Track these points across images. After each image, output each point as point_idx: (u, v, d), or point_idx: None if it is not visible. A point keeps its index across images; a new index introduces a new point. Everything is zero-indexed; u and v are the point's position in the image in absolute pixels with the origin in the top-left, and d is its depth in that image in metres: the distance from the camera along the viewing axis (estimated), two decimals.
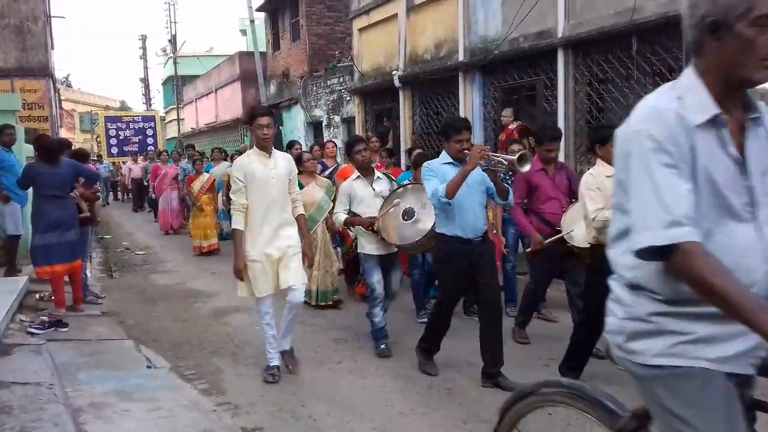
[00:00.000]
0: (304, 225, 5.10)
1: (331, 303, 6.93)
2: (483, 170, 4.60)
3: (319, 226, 6.89)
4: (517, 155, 4.39)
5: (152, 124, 26.00)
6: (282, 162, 4.92)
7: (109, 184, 23.48)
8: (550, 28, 8.75)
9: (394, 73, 12.30)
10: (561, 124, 8.52)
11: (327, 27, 19.29)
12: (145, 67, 45.95)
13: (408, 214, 5.28)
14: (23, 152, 8.65)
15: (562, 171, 5.58)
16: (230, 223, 11.53)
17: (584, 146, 8.24)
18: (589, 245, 4.64)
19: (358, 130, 14.39)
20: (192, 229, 11.29)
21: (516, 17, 9.11)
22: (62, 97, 28.20)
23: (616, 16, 7.75)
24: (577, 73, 8.55)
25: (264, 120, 4.74)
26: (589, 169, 4.97)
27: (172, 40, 41.89)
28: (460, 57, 10.51)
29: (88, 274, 7.76)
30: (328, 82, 17.14)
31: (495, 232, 6.30)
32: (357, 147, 5.64)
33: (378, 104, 13.87)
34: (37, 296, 7.17)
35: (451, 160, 4.68)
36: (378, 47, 13.29)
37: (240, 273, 4.72)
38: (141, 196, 20.03)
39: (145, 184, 18.67)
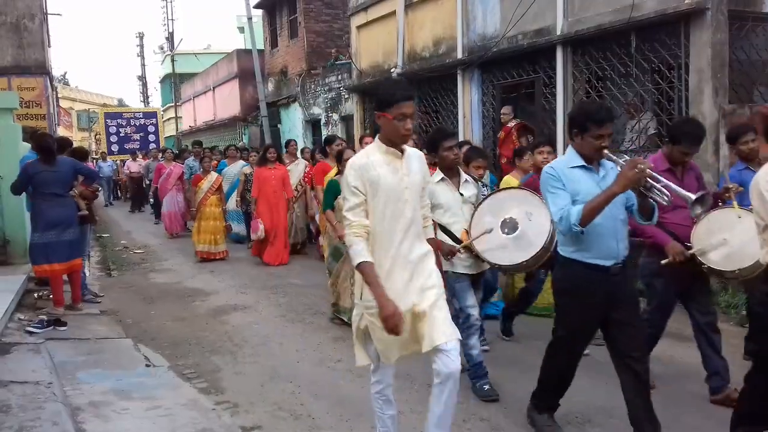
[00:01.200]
0: (438, 254, 3.69)
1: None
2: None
3: None
4: (696, 196, 3.28)
5: (154, 120, 24.97)
6: (416, 164, 3.38)
7: (112, 183, 22.69)
8: (548, 25, 8.75)
9: (392, 70, 12.29)
10: (560, 121, 8.53)
11: (325, 24, 19.26)
12: (143, 65, 46.03)
13: (509, 226, 4.27)
14: (20, 150, 8.62)
15: (690, 171, 4.35)
16: (246, 229, 10.82)
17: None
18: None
19: (357, 129, 14.38)
20: (196, 234, 10.21)
21: (514, 15, 9.10)
22: (59, 95, 28.22)
23: (614, 14, 7.74)
24: (575, 70, 8.54)
25: (407, 107, 3.19)
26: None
27: (170, 38, 41.91)
28: (459, 54, 10.50)
29: (87, 273, 7.75)
30: (327, 80, 17.12)
31: None
32: (447, 142, 4.42)
33: None
34: (36, 295, 7.16)
35: (583, 162, 3.49)
36: (376, 45, 13.27)
37: (396, 322, 3.14)
38: (140, 196, 19.09)
39: (146, 183, 17.87)
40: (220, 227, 10.29)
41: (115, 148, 24.03)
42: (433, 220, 3.70)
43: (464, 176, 4.59)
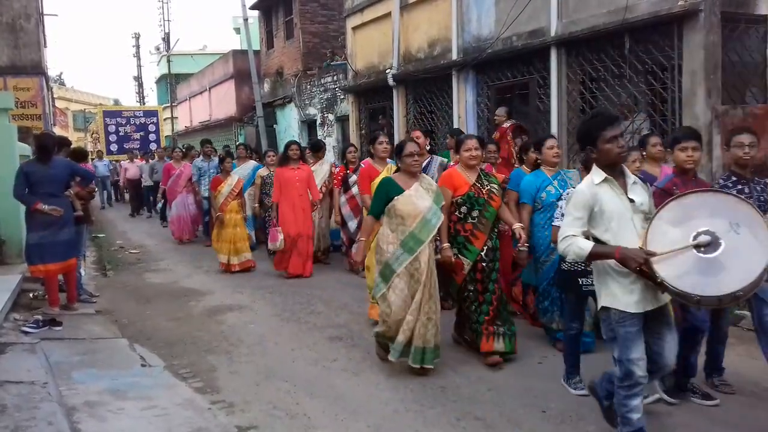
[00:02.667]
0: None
1: (431, 367, 4.76)
2: None
3: (425, 249, 4.73)
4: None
5: (154, 119, 24.16)
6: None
7: (109, 184, 20.90)
8: (543, 27, 8.78)
9: (387, 71, 12.32)
10: (554, 122, 8.57)
11: (321, 25, 19.28)
12: (139, 66, 45.94)
13: (707, 243, 3.10)
14: (15, 151, 8.62)
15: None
16: (269, 237, 8.75)
17: (577, 145, 8.26)
18: None
19: (352, 129, 14.40)
20: (215, 243, 9.27)
21: (509, 16, 9.14)
22: (55, 96, 28.10)
23: (608, 15, 7.78)
24: (570, 71, 8.58)
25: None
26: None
27: (166, 39, 41.90)
28: (454, 56, 10.53)
29: (82, 273, 7.75)
30: (322, 81, 17.14)
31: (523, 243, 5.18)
32: (610, 131, 3.31)
33: (372, 103, 13.87)
34: (31, 295, 7.16)
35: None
36: (372, 46, 13.30)
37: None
38: (139, 199, 18.19)
39: (144, 185, 17.31)
40: (242, 234, 9.26)
41: (114, 147, 23.16)
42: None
43: (631, 176, 3.45)
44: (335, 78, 16.36)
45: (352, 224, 8.27)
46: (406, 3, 11.86)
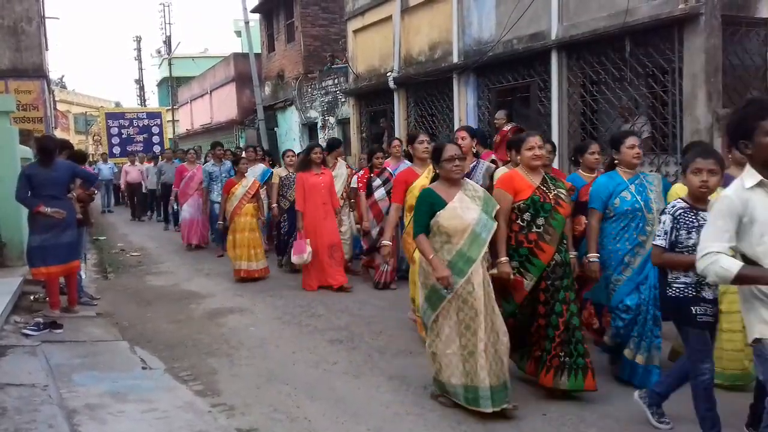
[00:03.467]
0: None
1: (508, 406, 4.03)
2: None
3: (477, 269, 4.08)
4: None
5: (158, 121, 23.39)
6: None
7: (112, 187, 20.23)
8: (543, 30, 8.79)
9: (388, 74, 12.33)
10: (555, 125, 8.57)
11: (322, 28, 19.32)
12: (140, 69, 45.97)
13: None
14: (17, 154, 8.63)
15: None
16: (293, 249, 7.97)
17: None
18: None
19: (353, 132, 14.41)
20: (231, 248, 8.70)
21: (510, 19, 9.15)
22: (57, 99, 28.12)
23: (609, 19, 7.79)
24: (570, 74, 8.59)
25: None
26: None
27: (167, 42, 41.97)
28: (455, 59, 10.54)
29: (83, 276, 7.75)
30: (323, 84, 17.17)
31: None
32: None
33: (373, 106, 13.89)
34: (32, 297, 7.16)
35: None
36: (373, 49, 13.32)
37: None
38: (140, 203, 17.68)
39: (150, 188, 16.68)
40: (258, 239, 8.72)
41: (116, 150, 22.44)
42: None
43: None
44: (336, 81, 16.38)
45: (374, 231, 7.87)
46: (407, 6, 11.88)
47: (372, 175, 7.99)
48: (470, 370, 3.99)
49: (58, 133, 24.82)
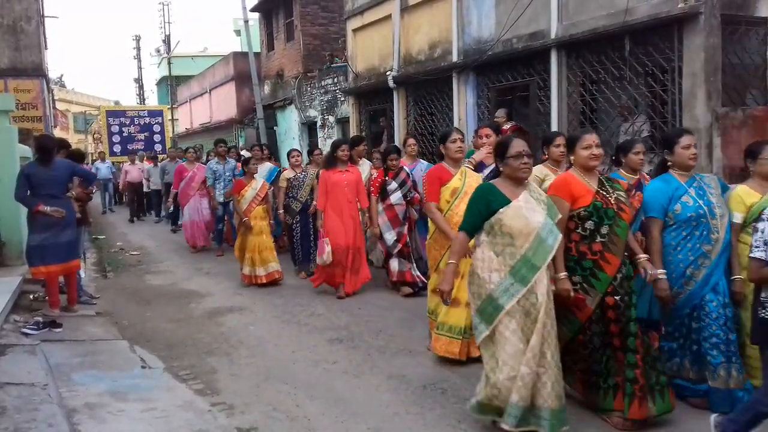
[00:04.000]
0: None
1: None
2: None
3: (542, 278, 3.66)
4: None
5: (159, 119, 22.99)
6: None
7: (111, 186, 19.71)
8: (543, 29, 8.79)
9: (388, 73, 12.32)
10: (554, 124, 8.57)
11: (321, 27, 19.30)
12: (140, 68, 45.95)
13: None
14: (16, 153, 8.63)
15: None
16: (317, 250, 7.62)
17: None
18: None
19: (353, 131, 14.39)
20: (239, 251, 8.49)
21: (509, 18, 9.14)
22: (56, 98, 28.10)
23: (608, 18, 7.79)
24: (570, 73, 8.58)
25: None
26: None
27: (166, 41, 41.99)
28: (454, 58, 10.54)
29: (82, 275, 7.75)
30: (323, 83, 17.16)
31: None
32: None
33: (372, 105, 13.88)
34: (32, 297, 7.17)
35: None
36: (372, 48, 13.30)
37: None
38: (140, 203, 17.51)
39: (153, 188, 16.34)
40: (268, 242, 8.38)
41: (117, 148, 22.03)
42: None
43: None
44: (336, 80, 16.37)
45: (389, 236, 7.52)
46: (406, 5, 11.87)
47: (387, 177, 7.63)
48: (535, 395, 3.55)
49: (57, 133, 24.81)
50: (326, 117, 17.08)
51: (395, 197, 7.54)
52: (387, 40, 12.52)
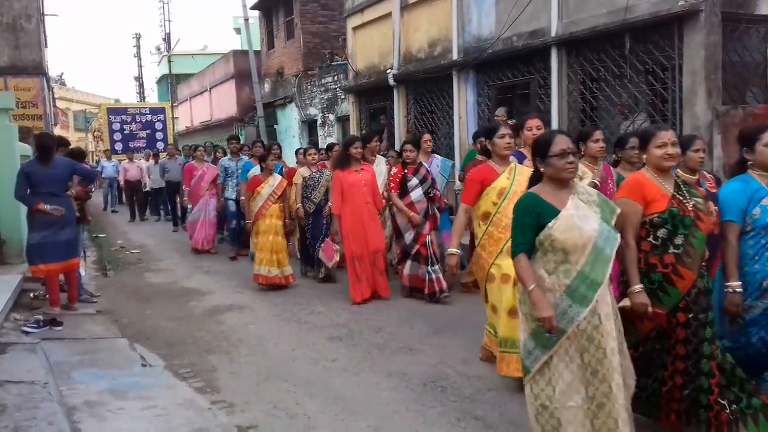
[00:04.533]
0: None
1: None
2: None
3: (604, 295, 3.15)
4: None
5: (161, 116, 22.61)
6: None
7: (116, 185, 19.17)
8: (543, 27, 8.79)
9: (388, 71, 12.32)
10: (555, 122, 8.57)
11: (321, 25, 19.30)
12: (140, 66, 45.93)
13: None
14: (16, 151, 8.63)
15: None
16: (322, 250, 7.62)
17: (577, 145, 8.25)
18: None
19: (353, 129, 14.40)
20: (255, 251, 8.10)
21: (509, 16, 9.14)
22: (56, 96, 28.07)
23: (608, 16, 7.79)
24: (570, 71, 8.58)
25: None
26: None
27: (167, 39, 41.96)
28: (454, 56, 10.53)
29: (83, 273, 7.75)
30: (323, 81, 17.16)
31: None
32: None
33: (372, 103, 13.88)
34: (32, 295, 7.17)
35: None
36: (372, 46, 13.31)
37: None
38: (140, 202, 16.90)
39: (152, 187, 15.98)
40: (282, 244, 8.01)
41: (118, 146, 21.60)
42: None
43: None
44: (336, 78, 16.37)
45: (409, 236, 7.08)
46: (406, 3, 11.86)
47: (406, 172, 7.17)
48: (600, 428, 3.08)
49: (58, 131, 24.78)
50: (326, 115, 17.08)
51: (416, 194, 7.05)
52: (387, 38, 12.52)
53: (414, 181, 7.10)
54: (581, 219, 3.15)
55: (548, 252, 3.17)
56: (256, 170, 8.61)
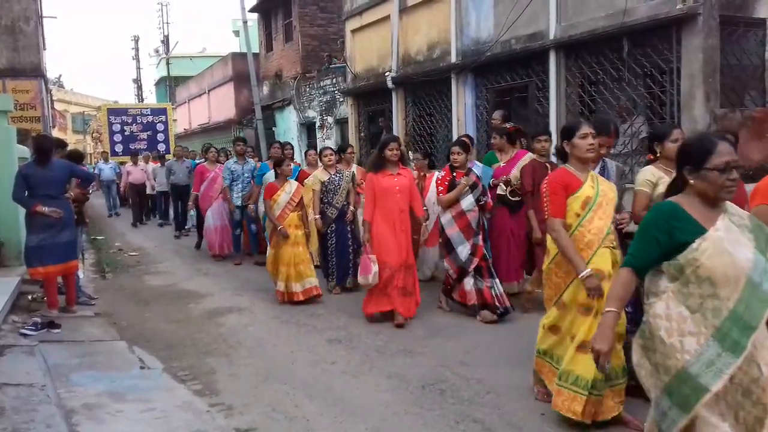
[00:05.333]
0: None
1: None
2: None
3: (765, 342, 2.56)
4: None
5: (163, 117, 21.75)
6: None
7: (115, 189, 18.49)
8: (541, 30, 8.80)
9: (387, 74, 12.33)
10: (553, 125, 8.58)
11: (320, 28, 19.32)
12: (138, 68, 45.96)
13: None
14: (14, 153, 8.62)
15: None
16: (359, 268, 6.35)
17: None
18: None
19: (351, 131, 14.42)
20: (271, 264, 7.41)
21: (508, 19, 9.16)
22: (54, 98, 28.01)
23: (607, 19, 7.80)
24: (568, 74, 8.60)
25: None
26: None
27: (165, 41, 41.99)
28: (453, 58, 10.55)
29: (81, 276, 7.74)
30: (321, 83, 17.17)
31: None
32: None
33: (371, 105, 13.89)
34: (30, 297, 7.16)
35: None
36: (371, 48, 13.32)
37: None
38: (143, 206, 16.47)
39: (159, 190, 15.49)
40: (304, 254, 7.33)
41: (119, 148, 20.90)
42: None
43: None
44: (334, 81, 16.38)
45: (463, 250, 6.20)
46: (405, 6, 11.88)
47: (454, 176, 6.36)
48: None
49: (56, 133, 24.74)
50: (325, 118, 17.09)
51: (467, 202, 6.24)
52: (386, 41, 12.53)
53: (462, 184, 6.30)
54: (732, 245, 2.54)
55: (691, 283, 2.55)
56: (270, 175, 8.30)
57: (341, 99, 15.75)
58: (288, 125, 19.61)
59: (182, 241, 12.67)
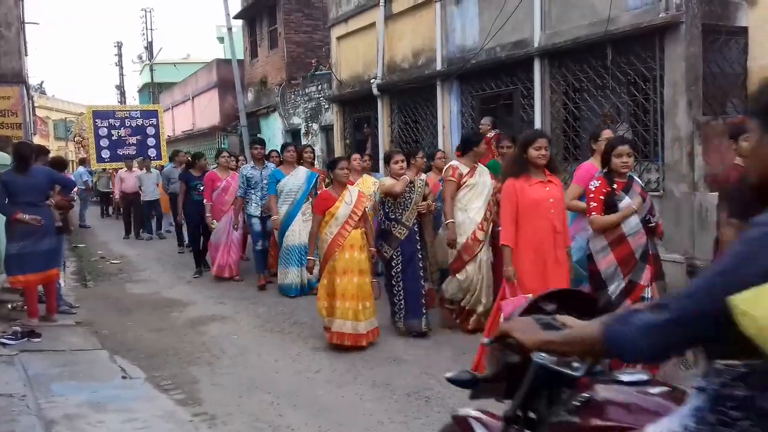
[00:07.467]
0: None
1: None
2: None
3: None
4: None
5: (154, 120, 19.78)
6: None
7: (85, 196, 17.57)
8: (526, 38, 8.84)
9: (372, 81, 12.34)
10: None
11: (305, 35, 19.31)
12: (121, 75, 45.61)
13: None
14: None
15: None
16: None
17: (561, 154, 8.32)
18: None
19: (337, 138, 14.40)
20: (325, 298, 5.76)
21: (493, 27, 9.19)
22: (36, 104, 27.77)
23: (590, 27, 7.85)
24: (553, 82, 8.64)
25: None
26: None
27: (149, 47, 41.71)
28: (438, 66, 10.57)
29: (62, 284, 7.65)
30: (307, 90, 17.16)
31: None
32: None
33: (356, 112, 13.89)
34: (10, 306, 7.05)
35: None
36: (356, 56, 13.32)
37: None
38: (138, 216, 14.72)
39: (145, 200, 14.34)
40: (367, 288, 5.77)
41: (105, 154, 19.06)
42: None
43: None
44: (319, 87, 16.38)
45: (616, 286, 4.45)
46: (390, 13, 11.90)
47: (614, 188, 4.51)
48: None
49: (38, 140, 24.54)
50: (310, 124, 17.07)
51: (631, 223, 4.46)
52: (371, 48, 12.54)
53: (626, 200, 4.48)
54: None
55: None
56: (291, 181, 7.48)
57: (326, 106, 15.74)
58: (273, 132, 19.57)
59: (165, 248, 12.55)
